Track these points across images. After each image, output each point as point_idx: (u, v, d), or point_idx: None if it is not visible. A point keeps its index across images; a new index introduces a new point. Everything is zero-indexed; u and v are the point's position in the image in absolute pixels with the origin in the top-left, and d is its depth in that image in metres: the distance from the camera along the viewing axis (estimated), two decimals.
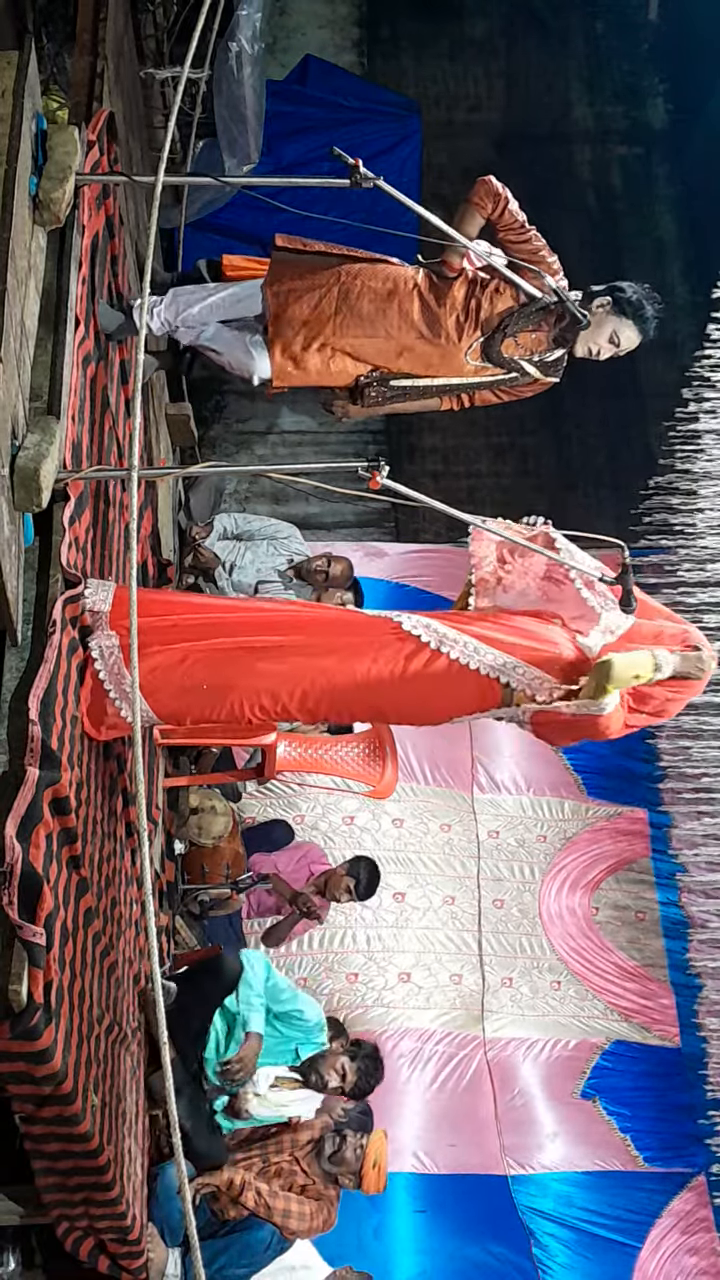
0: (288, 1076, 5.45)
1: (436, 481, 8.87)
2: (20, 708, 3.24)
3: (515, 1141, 6.85)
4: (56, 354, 3.72)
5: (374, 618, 3.99)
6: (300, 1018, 5.37)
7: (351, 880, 6.54)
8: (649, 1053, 7.22)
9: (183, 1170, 2.96)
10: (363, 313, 4.42)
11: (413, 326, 4.42)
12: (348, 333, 4.44)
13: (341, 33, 10.21)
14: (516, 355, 4.44)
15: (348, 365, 4.51)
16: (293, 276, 4.48)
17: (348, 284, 4.44)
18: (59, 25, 5.30)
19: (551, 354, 4.48)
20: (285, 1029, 5.40)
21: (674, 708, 4.04)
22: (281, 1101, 5.39)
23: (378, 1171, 5.30)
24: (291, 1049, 5.46)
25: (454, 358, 4.44)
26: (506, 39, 10.41)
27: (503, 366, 4.45)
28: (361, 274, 4.46)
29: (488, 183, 4.30)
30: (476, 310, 4.39)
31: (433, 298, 4.42)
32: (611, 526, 4.38)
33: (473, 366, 4.45)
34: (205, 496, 7.75)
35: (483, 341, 4.40)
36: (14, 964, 2.93)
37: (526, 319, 4.38)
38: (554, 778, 7.72)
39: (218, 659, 3.78)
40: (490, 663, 3.80)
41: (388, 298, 4.42)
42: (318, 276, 4.47)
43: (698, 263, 9.50)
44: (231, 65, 6.21)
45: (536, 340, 4.43)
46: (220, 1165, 5.02)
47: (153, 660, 3.73)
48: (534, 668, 3.82)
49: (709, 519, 7.11)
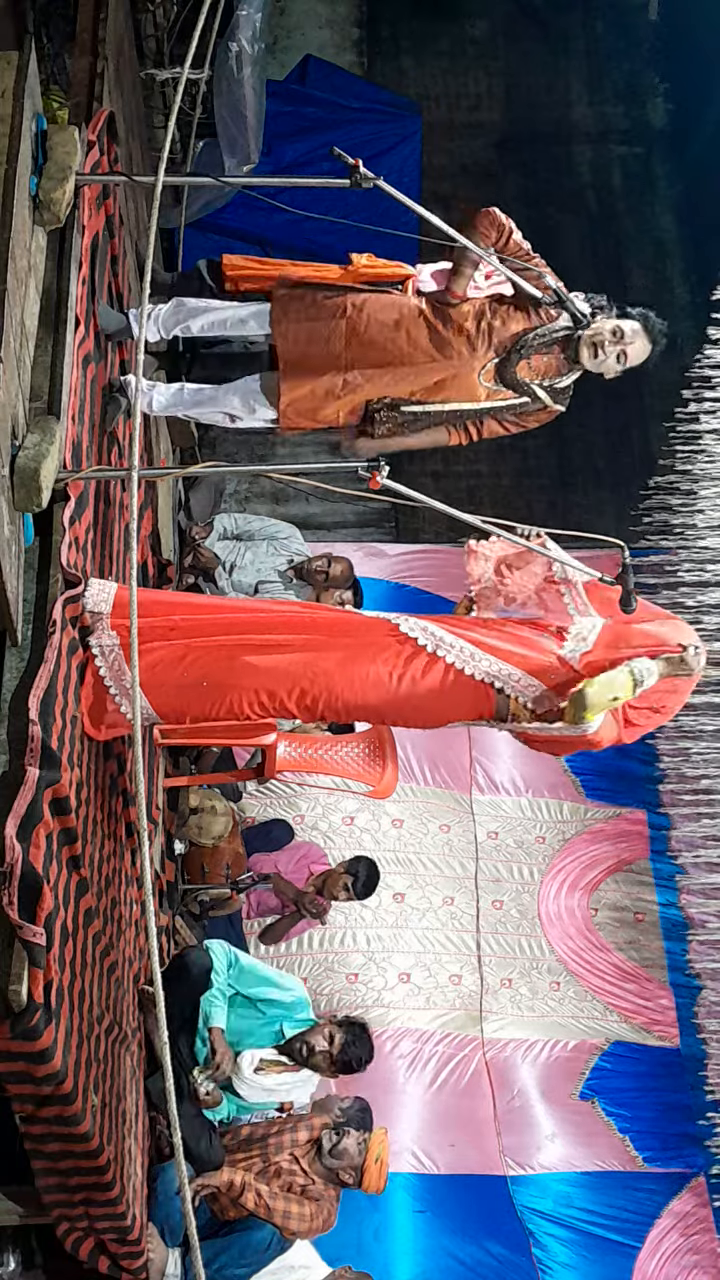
0: (274, 1059, 5.44)
1: (436, 481, 8.86)
2: (20, 708, 3.24)
3: (515, 1142, 6.84)
4: (56, 354, 3.72)
5: (372, 619, 4.01)
6: (277, 997, 5.39)
7: (350, 878, 6.55)
8: (648, 1053, 7.22)
9: (183, 1170, 2.96)
10: (373, 341, 4.39)
11: (423, 351, 4.40)
12: (359, 364, 4.41)
13: (341, 33, 10.20)
14: (529, 379, 4.43)
15: (359, 399, 4.48)
16: (299, 316, 4.46)
17: (354, 318, 4.42)
18: (59, 25, 5.30)
19: (562, 380, 4.47)
20: (266, 1009, 5.41)
21: (673, 702, 4.04)
22: (269, 1086, 5.38)
23: (379, 1167, 5.27)
24: (275, 1028, 5.46)
25: (467, 378, 4.40)
26: (506, 39, 10.40)
27: (515, 390, 4.43)
28: (367, 305, 4.44)
29: (490, 214, 4.28)
30: (489, 332, 4.38)
31: (439, 322, 4.40)
32: (611, 526, 4.40)
33: (485, 390, 4.42)
34: (205, 496, 7.75)
35: (497, 363, 4.39)
36: (14, 964, 2.93)
37: (542, 341, 4.36)
38: (553, 779, 7.72)
39: (217, 656, 3.79)
40: (485, 669, 3.82)
41: (395, 327, 4.41)
42: (323, 310, 4.45)
43: (698, 263, 9.49)
44: (231, 65, 6.20)
45: (548, 364, 4.42)
46: (219, 1167, 5.02)
47: (153, 657, 3.74)
48: (529, 675, 3.85)
49: (709, 519, 7.11)
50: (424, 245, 4.43)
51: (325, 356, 4.42)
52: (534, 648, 3.90)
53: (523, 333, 4.36)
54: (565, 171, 10.17)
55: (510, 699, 3.85)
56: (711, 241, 8.77)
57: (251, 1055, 5.36)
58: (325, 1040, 5.41)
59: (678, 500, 7.14)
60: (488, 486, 9.18)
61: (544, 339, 4.35)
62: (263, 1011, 5.42)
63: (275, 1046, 5.45)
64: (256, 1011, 5.42)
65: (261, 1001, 5.40)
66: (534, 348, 4.37)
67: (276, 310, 4.49)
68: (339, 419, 4.50)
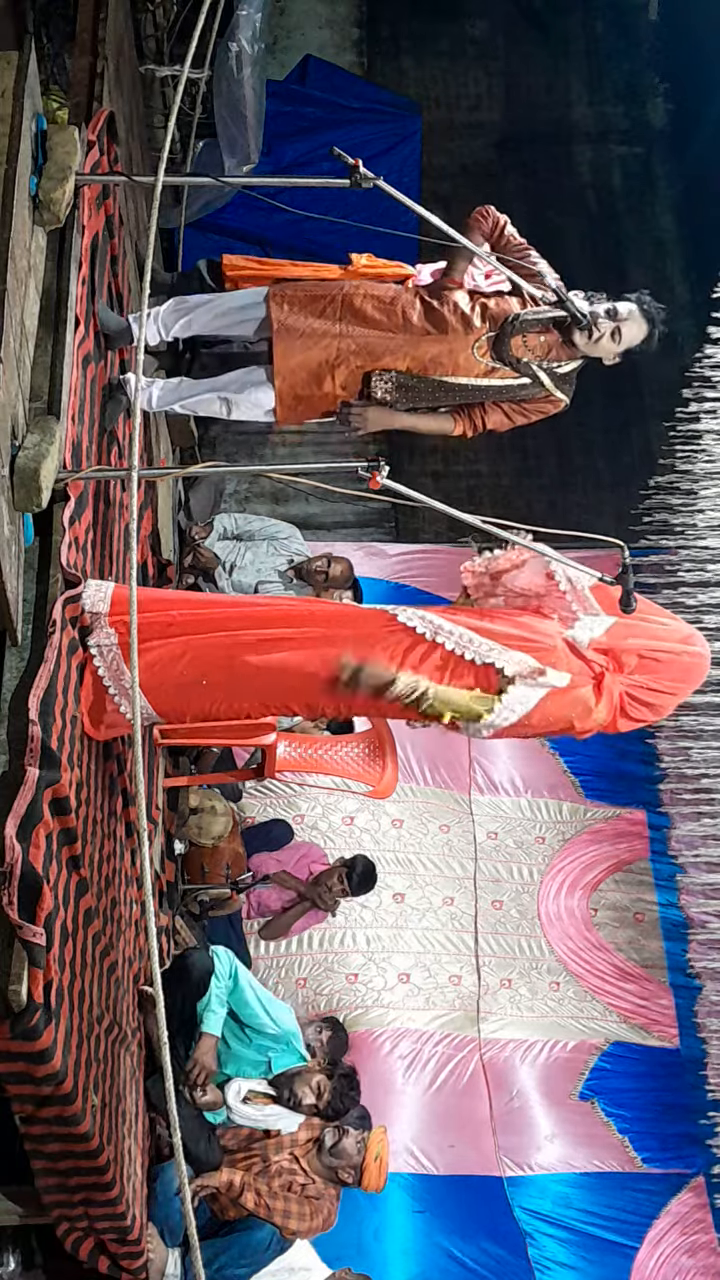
0: (260, 1091, 5.42)
1: (436, 481, 8.87)
2: (20, 708, 3.24)
3: (514, 1142, 6.84)
4: (56, 354, 3.72)
5: (370, 610, 4.04)
6: (265, 1028, 5.38)
7: (344, 869, 6.57)
8: (648, 1054, 7.21)
9: (183, 1170, 2.96)
10: (368, 317, 4.42)
11: (417, 325, 4.42)
12: (355, 339, 4.43)
13: (341, 33, 10.21)
14: (528, 358, 4.43)
15: (355, 371, 4.48)
16: (296, 295, 4.47)
17: (350, 295, 4.45)
18: (59, 25, 5.30)
19: (563, 366, 4.47)
20: (256, 1037, 5.40)
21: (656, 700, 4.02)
22: (254, 1116, 5.36)
23: (379, 1165, 5.28)
24: (264, 1060, 5.45)
25: (462, 351, 4.42)
26: (506, 39, 10.40)
27: (514, 369, 4.44)
28: (363, 286, 4.48)
29: (483, 208, 4.41)
30: (483, 309, 4.39)
31: (435, 300, 4.44)
32: (611, 526, 4.39)
33: (483, 366, 4.43)
34: (205, 496, 7.75)
35: (491, 338, 4.39)
36: (14, 964, 2.93)
37: (535, 318, 4.37)
38: (552, 779, 7.72)
39: (216, 653, 3.79)
40: (484, 653, 3.81)
41: (390, 303, 4.44)
42: (320, 290, 4.48)
43: (698, 263, 9.49)
44: (231, 65, 6.21)
45: (546, 345, 4.42)
46: (218, 1167, 5.02)
47: (152, 655, 3.73)
48: (530, 657, 3.84)
49: (709, 519, 7.11)
50: (424, 245, 4.44)
51: (321, 330, 4.44)
52: (535, 631, 3.91)
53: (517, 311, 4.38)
54: (565, 171, 10.17)
55: (513, 678, 3.82)
56: (711, 241, 8.76)
57: (239, 1086, 5.36)
58: (313, 1094, 5.40)
59: (678, 500, 7.13)
60: (488, 486, 9.17)
61: (538, 315, 4.36)
62: (251, 1039, 5.41)
63: (264, 1079, 5.44)
64: (245, 1038, 5.41)
65: (249, 1029, 5.39)
66: (529, 324, 4.37)
67: (274, 291, 4.50)
68: (335, 391, 4.49)
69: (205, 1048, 5.20)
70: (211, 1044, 5.23)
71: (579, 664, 3.89)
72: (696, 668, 4.01)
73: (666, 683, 3.97)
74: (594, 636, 3.89)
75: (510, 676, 3.79)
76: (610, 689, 3.91)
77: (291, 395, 4.51)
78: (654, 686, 3.98)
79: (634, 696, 3.97)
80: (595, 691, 3.90)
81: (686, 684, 4.01)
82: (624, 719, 4.00)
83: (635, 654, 3.95)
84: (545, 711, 3.85)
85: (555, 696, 3.84)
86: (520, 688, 3.77)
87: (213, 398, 4.66)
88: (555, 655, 3.86)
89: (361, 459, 4.81)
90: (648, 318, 4.40)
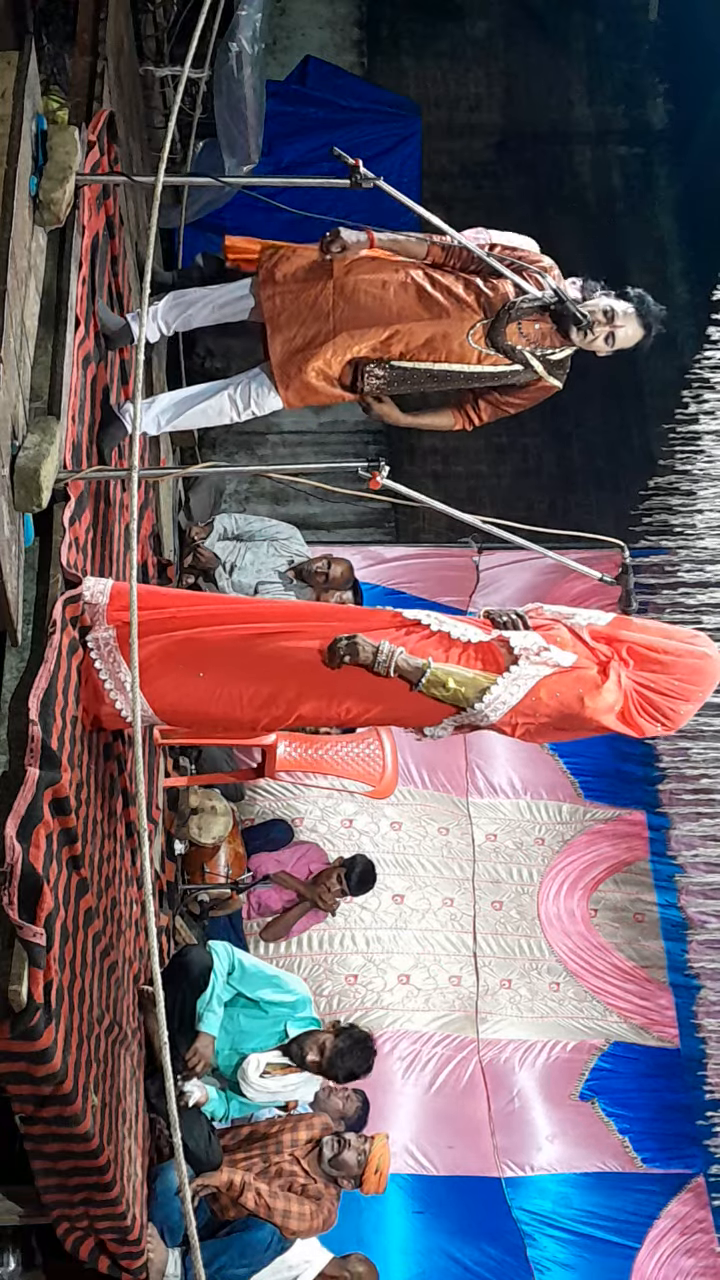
0: (278, 1062, 5.46)
1: (436, 481, 8.86)
2: (20, 708, 3.24)
3: (514, 1143, 6.84)
4: (56, 354, 3.72)
5: (374, 610, 4.02)
6: (280, 998, 5.40)
7: (343, 869, 6.57)
8: (648, 1054, 7.22)
9: (183, 1170, 2.96)
10: (360, 301, 4.40)
11: (411, 310, 4.39)
12: (348, 324, 4.41)
13: (341, 33, 10.22)
14: (522, 346, 4.42)
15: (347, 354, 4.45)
16: (285, 278, 4.45)
17: (341, 279, 4.42)
18: (59, 25, 5.29)
19: (556, 353, 4.46)
20: (269, 1008, 5.42)
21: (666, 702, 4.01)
22: (274, 1089, 5.41)
23: (379, 1177, 5.31)
24: (280, 1029, 5.48)
25: (456, 337, 4.40)
26: (506, 39, 10.41)
27: (508, 356, 4.42)
28: (355, 268, 4.44)
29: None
30: (478, 295, 4.38)
31: (427, 282, 4.41)
32: (611, 527, 4.39)
33: (477, 352, 4.42)
34: (205, 497, 7.75)
35: (487, 325, 4.38)
36: (14, 964, 2.93)
37: (530, 304, 4.36)
38: (551, 781, 7.72)
39: (215, 649, 3.78)
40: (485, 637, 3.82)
41: (382, 286, 4.41)
42: (311, 272, 4.45)
43: (698, 263, 9.50)
44: (231, 65, 6.20)
45: (541, 333, 4.41)
46: (218, 1167, 5.02)
47: (150, 649, 3.71)
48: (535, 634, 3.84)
49: (709, 519, 7.10)
50: None
51: (312, 314, 4.42)
52: (540, 616, 3.95)
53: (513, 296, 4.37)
54: (565, 171, 10.18)
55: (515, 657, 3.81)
56: (711, 241, 8.77)
57: (257, 1060, 5.38)
58: (316, 1051, 5.42)
59: (678, 500, 7.13)
60: (488, 486, 9.17)
61: (531, 302, 4.36)
62: (266, 1011, 5.43)
63: (279, 1047, 5.47)
64: (260, 1011, 5.43)
65: (265, 1002, 5.42)
66: (523, 311, 4.36)
67: (264, 274, 4.48)
68: (330, 369, 4.46)
69: (203, 1044, 5.24)
70: (209, 1042, 5.26)
71: (584, 649, 3.88)
72: (705, 669, 3.98)
73: (675, 683, 3.94)
74: (594, 623, 3.88)
75: (516, 653, 3.78)
76: (617, 673, 3.88)
77: (284, 374, 4.48)
78: (662, 688, 3.96)
79: (643, 695, 3.95)
80: (602, 674, 3.89)
81: (697, 686, 3.98)
82: (642, 716, 3.97)
83: (637, 645, 3.93)
84: (553, 688, 3.81)
85: (561, 674, 3.83)
86: (525, 664, 3.76)
87: (221, 398, 4.64)
88: (559, 638, 3.86)
89: (361, 459, 4.81)
90: (644, 319, 4.39)
